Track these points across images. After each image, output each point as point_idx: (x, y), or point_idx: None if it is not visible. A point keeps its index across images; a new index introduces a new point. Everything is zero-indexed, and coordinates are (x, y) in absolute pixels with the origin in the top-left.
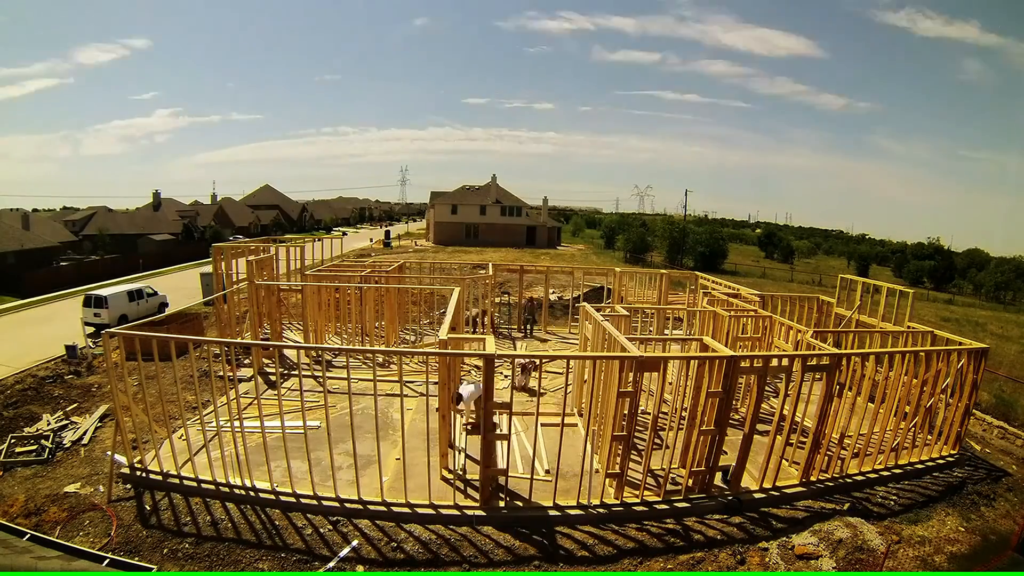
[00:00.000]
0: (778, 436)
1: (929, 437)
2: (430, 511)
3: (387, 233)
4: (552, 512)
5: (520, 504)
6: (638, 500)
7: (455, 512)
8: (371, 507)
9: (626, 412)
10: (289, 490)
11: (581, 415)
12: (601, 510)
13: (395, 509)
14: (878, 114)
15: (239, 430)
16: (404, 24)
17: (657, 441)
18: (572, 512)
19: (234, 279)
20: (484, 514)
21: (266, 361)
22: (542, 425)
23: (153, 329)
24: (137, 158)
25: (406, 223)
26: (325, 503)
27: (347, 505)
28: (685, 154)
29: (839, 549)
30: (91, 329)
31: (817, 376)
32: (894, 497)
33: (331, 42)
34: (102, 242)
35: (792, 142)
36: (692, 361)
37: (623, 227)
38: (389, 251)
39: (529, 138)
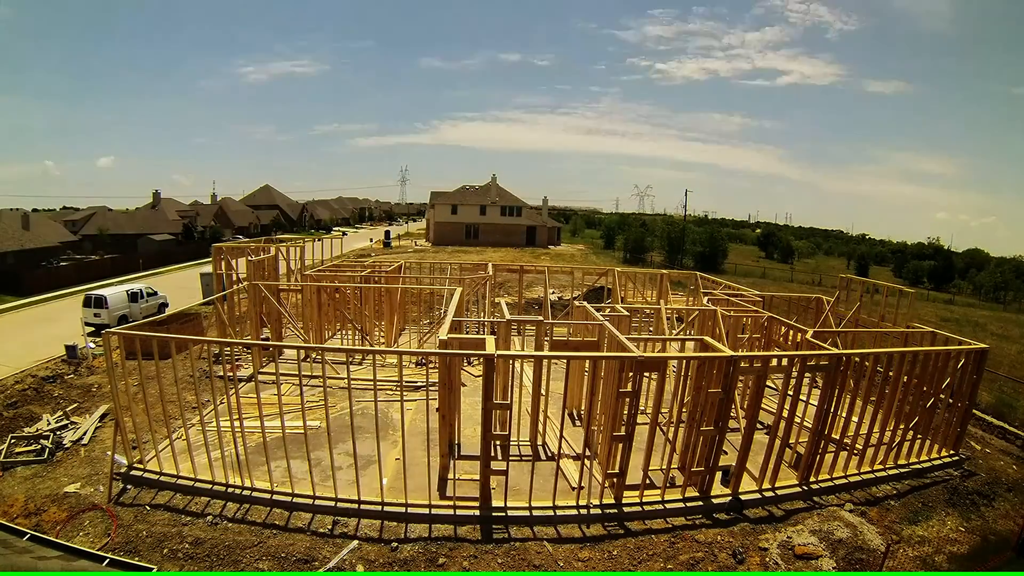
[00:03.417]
0: (778, 436)
1: (929, 437)
2: (429, 511)
3: (387, 233)
4: (551, 513)
5: (519, 505)
6: (637, 500)
7: (454, 512)
8: (371, 507)
9: (626, 412)
10: (289, 490)
11: (580, 416)
12: (600, 511)
13: (395, 509)
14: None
15: (239, 430)
16: None
17: (657, 441)
18: (571, 513)
19: (234, 279)
20: (483, 514)
21: (266, 359)
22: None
23: (153, 329)
24: None
25: (406, 223)
26: (325, 503)
27: (347, 505)
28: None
29: (839, 549)
30: (91, 329)
31: (818, 376)
32: (894, 497)
33: None
34: (102, 242)
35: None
36: (692, 361)
37: (623, 227)
38: (389, 251)
39: None
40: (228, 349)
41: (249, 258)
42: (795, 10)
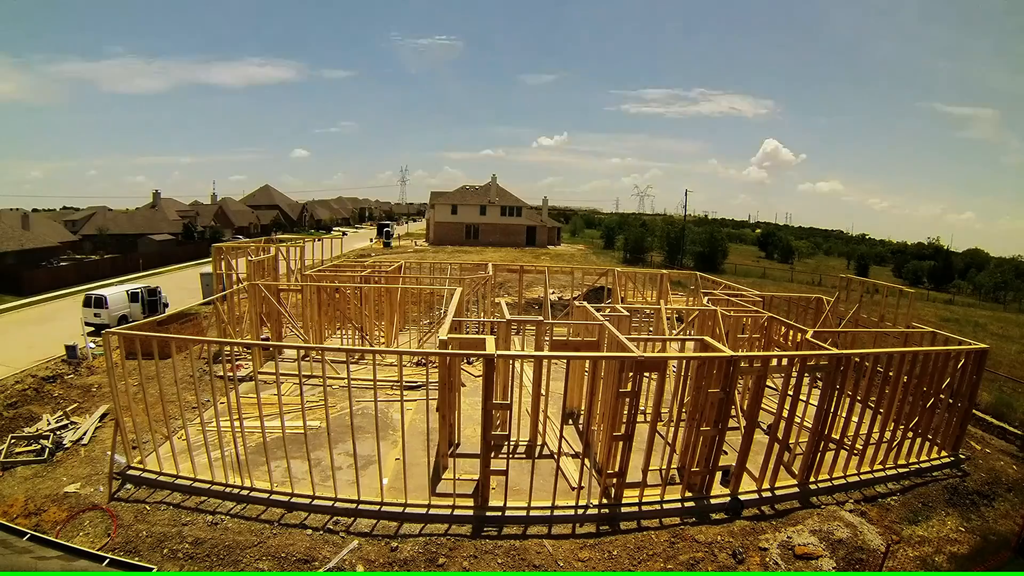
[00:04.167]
0: (778, 437)
1: (929, 437)
2: (429, 511)
3: (387, 233)
4: (551, 513)
5: (519, 504)
6: (637, 500)
7: (453, 512)
8: (370, 507)
9: (626, 412)
10: (289, 490)
11: (580, 417)
12: (600, 511)
13: (394, 509)
14: None
15: (239, 430)
16: None
17: (656, 441)
18: (570, 513)
19: (234, 279)
20: (483, 514)
21: (265, 359)
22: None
23: (153, 329)
24: None
25: (406, 223)
26: (325, 503)
27: (347, 505)
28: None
29: (839, 549)
30: (91, 329)
31: (818, 376)
32: (894, 497)
33: None
34: (102, 242)
35: None
36: (692, 361)
37: (623, 227)
38: (389, 251)
39: None
40: (228, 349)
41: (249, 258)
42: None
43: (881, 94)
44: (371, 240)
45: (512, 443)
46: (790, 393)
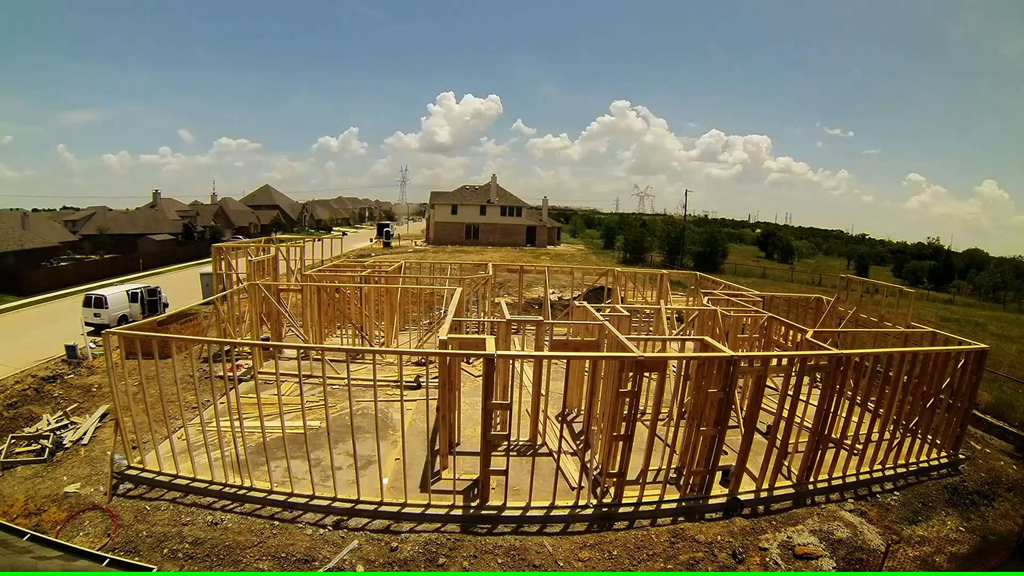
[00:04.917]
0: (778, 437)
1: (929, 437)
2: (429, 511)
3: (387, 233)
4: (551, 512)
5: (519, 504)
6: (637, 500)
7: (455, 512)
8: (370, 507)
9: (626, 412)
10: (288, 490)
11: (580, 417)
12: (600, 510)
13: (394, 509)
14: None
15: (239, 430)
16: None
17: (656, 441)
18: (571, 512)
19: (234, 279)
20: (483, 514)
21: (265, 359)
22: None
23: (153, 329)
24: None
25: (406, 223)
26: (325, 503)
27: (346, 505)
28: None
29: (839, 549)
30: (91, 329)
31: (818, 376)
32: (894, 497)
33: None
34: (102, 242)
35: None
36: (692, 361)
37: (623, 227)
38: (389, 251)
39: None
40: (229, 349)
41: (249, 258)
42: None
43: None
44: (371, 240)
45: (512, 443)
46: (790, 393)
